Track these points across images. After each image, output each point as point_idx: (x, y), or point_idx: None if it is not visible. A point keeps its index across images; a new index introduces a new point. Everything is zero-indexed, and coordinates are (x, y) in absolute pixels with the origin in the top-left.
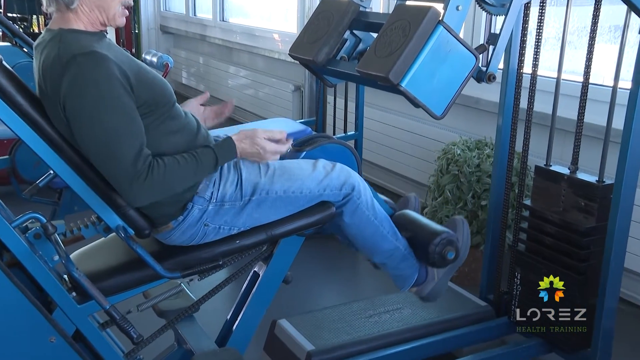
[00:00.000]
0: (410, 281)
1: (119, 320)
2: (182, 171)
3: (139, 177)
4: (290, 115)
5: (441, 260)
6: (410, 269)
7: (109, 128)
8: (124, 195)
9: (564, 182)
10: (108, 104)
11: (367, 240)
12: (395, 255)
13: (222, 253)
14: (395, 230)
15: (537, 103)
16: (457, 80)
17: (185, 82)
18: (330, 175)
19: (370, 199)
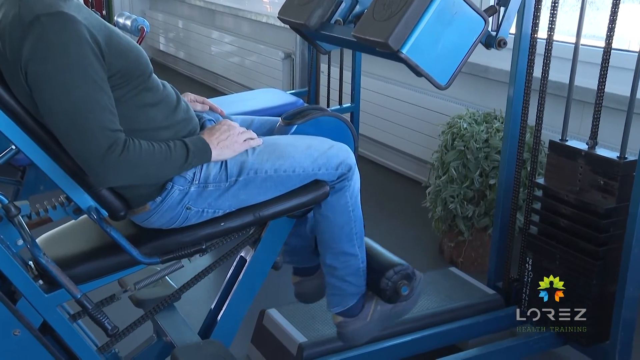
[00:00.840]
0: (347, 302)
1: (92, 311)
2: (154, 156)
3: (112, 152)
4: (280, 86)
5: (393, 291)
6: (355, 287)
7: (77, 99)
8: (92, 174)
9: (581, 159)
10: (77, 72)
11: (331, 231)
12: (351, 264)
13: (205, 236)
14: (363, 237)
15: (553, 71)
16: (463, 47)
17: (163, 48)
18: (328, 153)
19: (357, 189)
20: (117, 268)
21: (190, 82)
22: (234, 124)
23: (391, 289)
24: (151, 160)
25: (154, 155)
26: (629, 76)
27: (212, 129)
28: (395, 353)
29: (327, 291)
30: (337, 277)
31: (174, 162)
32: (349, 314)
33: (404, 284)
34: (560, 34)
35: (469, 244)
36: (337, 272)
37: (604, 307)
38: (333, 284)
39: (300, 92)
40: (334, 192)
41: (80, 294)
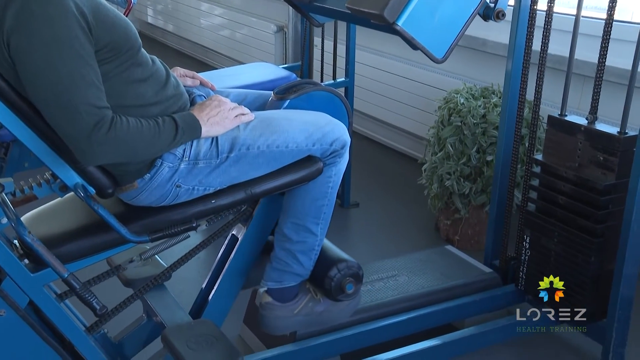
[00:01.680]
0: (283, 281)
1: (79, 290)
2: (142, 133)
3: (99, 130)
4: (272, 60)
5: (337, 286)
6: (300, 269)
7: (62, 74)
8: (78, 152)
9: (580, 134)
10: (62, 45)
11: (302, 201)
12: (307, 242)
13: (195, 214)
14: (328, 222)
15: (552, 44)
16: (460, 19)
17: (151, 21)
18: (324, 128)
19: (342, 170)
20: (105, 247)
21: (179, 55)
22: (225, 99)
23: (337, 281)
24: (139, 137)
25: (142, 133)
26: (631, 49)
27: (202, 105)
28: (390, 332)
29: (270, 264)
30: (288, 251)
31: (162, 139)
32: (280, 297)
33: (350, 281)
34: (560, 6)
35: (466, 222)
36: (290, 244)
37: (602, 285)
38: (281, 257)
39: (293, 67)
40: (324, 174)
41: (67, 273)
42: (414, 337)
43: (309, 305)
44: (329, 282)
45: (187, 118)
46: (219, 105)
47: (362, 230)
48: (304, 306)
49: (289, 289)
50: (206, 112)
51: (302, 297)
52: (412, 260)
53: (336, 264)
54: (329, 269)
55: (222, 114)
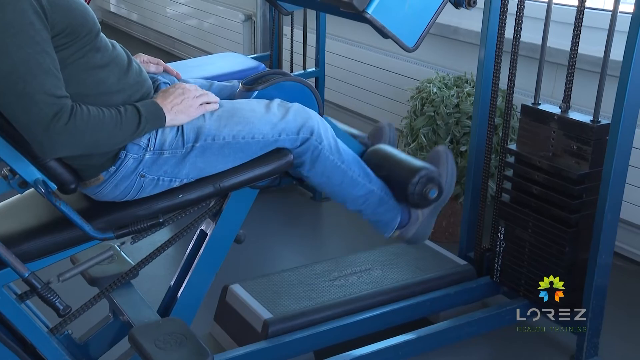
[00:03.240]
0: (392, 226)
1: (41, 290)
2: (104, 123)
3: (58, 120)
4: (241, 50)
5: (423, 200)
6: (389, 212)
7: (17, 62)
8: (36, 144)
9: (554, 123)
10: (15, 32)
11: (336, 188)
12: (371, 201)
13: (162, 209)
14: (367, 172)
15: (525, 32)
16: (431, 6)
17: (113, 9)
18: (287, 117)
19: (333, 142)
20: (68, 244)
21: (145, 46)
22: (190, 86)
23: (419, 199)
24: (100, 127)
25: (104, 122)
26: (603, 36)
27: (166, 92)
28: (364, 327)
29: (371, 224)
30: (369, 214)
31: (125, 128)
32: (401, 226)
33: (429, 188)
34: None
35: (440, 213)
36: (365, 211)
37: (576, 275)
38: (370, 219)
39: (262, 57)
40: (314, 161)
41: (27, 273)
42: (389, 331)
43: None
44: (417, 206)
45: (150, 107)
46: (183, 93)
47: (334, 223)
48: (421, 211)
49: (401, 221)
50: (169, 100)
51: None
52: (386, 253)
53: (406, 191)
54: (405, 197)
55: (186, 101)
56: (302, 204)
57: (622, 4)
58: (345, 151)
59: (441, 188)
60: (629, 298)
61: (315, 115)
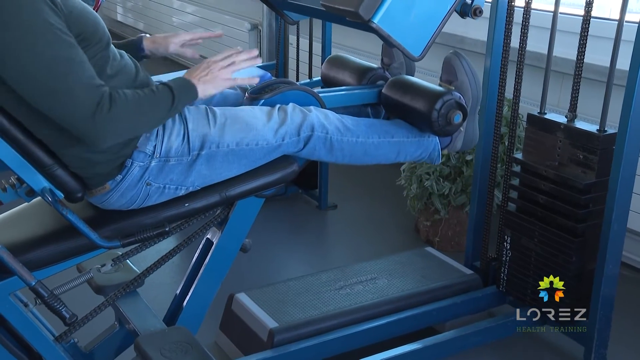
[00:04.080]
0: (435, 154)
1: (48, 299)
2: (142, 104)
3: (101, 108)
4: None
5: (450, 129)
6: (427, 146)
7: (50, 60)
8: (87, 135)
9: (560, 132)
10: (41, 30)
11: (364, 159)
12: (403, 150)
13: (168, 218)
14: (386, 129)
15: (531, 41)
16: (437, 16)
17: (120, 19)
18: (286, 121)
19: (339, 123)
20: (74, 253)
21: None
22: (215, 59)
23: (445, 129)
24: (140, 108)
25: (142, 103)
26: (609, 46)
27: (192, 69)
28: (370, 336)
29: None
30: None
31: (161, 105)
32: (445, 145)
33: (452, 116)
34: (538, 2)
35: (446, 223)
36: (404, 160)
37: (583, 284)
38: (413, 160)
39: (268, 66)
40: (331, 150)
41: (34, 281)
42: (395, 341)
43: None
44: (445, 134)
45: (178, 81)
46: (208, 66)
47: (340, 232)
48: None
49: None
50: (196, 74)
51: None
52: (392, 262)
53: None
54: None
55: (212, 73)
56: (307, 213)
57: (629, 14)
58: (355, 124)
59: (464, 108)
60: (637, 308)
61: (313, 109)
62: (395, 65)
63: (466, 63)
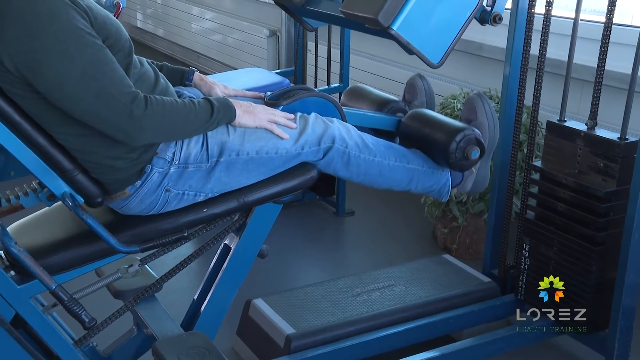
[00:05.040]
0: (445, 189)
1: (67, 302)
2: (179, 109)
3: (138, 106)
4: (265, 65)
5: (466, 164)
6: (438, 181)
7: (85, 64)
8: (123, 134)
9: (580, 140)
10: (73, 37)
11: (378, 180)
12: (416, 178)
13: (187, 223)
14: (403, 153)
15: (551, 48)
16: (456, 23)
17: (140, 25)
18: (307, 130)
19: (359, 140)
20: (94, 257)
21: (170, 61)
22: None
23: (461, 163)
24: (176, 113)
25: (178, 108)
26: (631, 53)
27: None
28: (387, 343)
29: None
30: (420, 189)
31: (199, 116)
32: (456, 184)
33: (470, 150)
34: (558, 9)
35: (464, 230)
36: (415, 189)
37: (603, 294)
38: (423, 192)
39: (286, 72)
40: (347, 164)
41: (54, 285)
42: (412, 348)
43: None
44: (461, 169)
45: (220, 99)
46: (251, 104)
47: (357, 239)
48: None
49: (454, 178)
50: (240, 104)
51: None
52: (409, 269)
53: (447, 153)
54: (447, 161)
55: (256, 109)
56: (324, 219)
57: None
58: (375, 143)
59: (482, 145)
60: None
61: (335, 121)
62: (416, 103)
63: (488, 105)
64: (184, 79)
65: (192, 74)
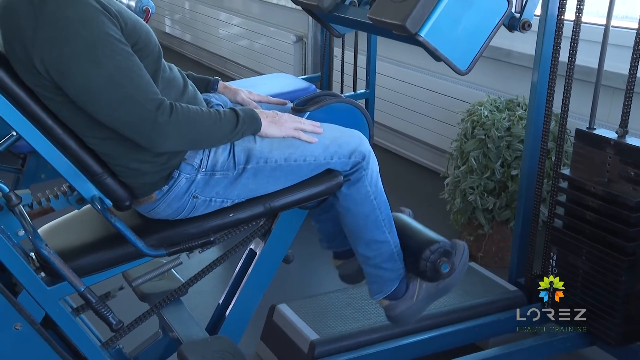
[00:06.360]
0: (388, 288)
1: (96, 305)
2: (203, 118)
3: (163, 113)
4: (292, 71)
5: (433, 271)
6: (393, 272)
7: (113, 70)
8: (146, 139)
9: (610, 148)
10: (103, 44)
11: (359, 222)
12: (383, 251)
13: (213, 228)
14: (391, 221)
15: (580, 55)
16: (485, 29)
17: (168, 30)
18: (339, 140)
19: (376, 175)
20: (121, 260)
21: (197, 66)
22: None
23: (431, 269)
24: (201, 121)
25: (203, 117)
26: None
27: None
28: (412, 351)
29: (366, 279)
30: (373, 266)
31: (224, 126)
32: (394, 296)
33: (443, 261)
34: (588, 15)
35: (490, 238)
36: (371, 260)
37: (633, 305)
38: (370, 272)
39: (313, 77)
40: (353, 184)
41: (83, 287)
42: (436, 356)
43: (422, 287)
44: (426, 276)
45: (246, 110)
46: (277, 114)
47: None
48: (419, 289)
49: (396, 290)
50: (265, 114)
51: (413, 284)
52: None
53: (419, 257)
54: (417, 266)
55: (282, 118)
56: None
57: None
58: (381, 192)
59: (453, 268)
60: None
61: (367, 142)
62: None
63: (466, 258)
64: (209, 87)
65: (216, 83)
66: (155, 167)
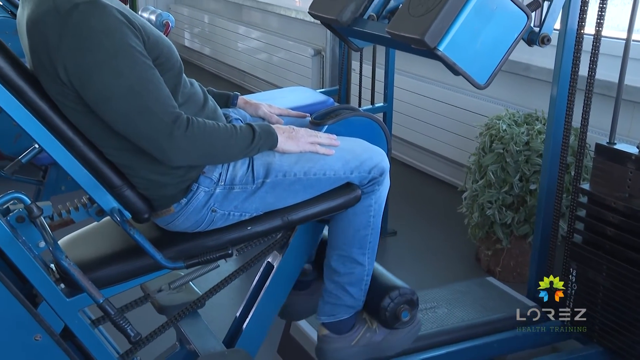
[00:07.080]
0: (337, 315)
1: (114, 317)
2: (220, 133)
3: (179, 127)
4: (310, 84)
5: (392, 315)
6: (352, 300)
7: (133, 81)
8: (160, 152)
9: (631, 163)
10: (125, 54)
11: (345, 232)
12: (355, 273)
13: (232, 240)
14: (375, 250)
15: (600, 69)
16: (504, 44)
17: (188, 44)
18: (362, 156)
19: (384, 194)
20: (140, 272)
21: (216, 79)
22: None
23: (392, 310)
24: (217, 136)
25: (219, 132)
26: None
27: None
28: None
29: (322, 298)
30: (337, 284)
31: (240, 142)
32: (336, 329)
33: (405, 308)
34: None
35: (508, 253)
36: (338, 277)
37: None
38: (330, 290)
39: (331, 91)
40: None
41: (102, 299)
42: None
43: (366, 335)
44: (384, 313)
45: (263, 126)
46: (293, 129)
47: (399, 259)
48: (362, 337)
49: (344, 322)
50: (282, 129)
51: (359, 328)
52: (452, 291)
53: (388, 292)
54: (381, 299)
55: (298, 133)
56: None
57: None
58: (380, 214)
59: (411, 321)
60: None
61: (387, 160)
62: None
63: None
64: (229, 102)
65: (236, 98)
66: (174, 179)
